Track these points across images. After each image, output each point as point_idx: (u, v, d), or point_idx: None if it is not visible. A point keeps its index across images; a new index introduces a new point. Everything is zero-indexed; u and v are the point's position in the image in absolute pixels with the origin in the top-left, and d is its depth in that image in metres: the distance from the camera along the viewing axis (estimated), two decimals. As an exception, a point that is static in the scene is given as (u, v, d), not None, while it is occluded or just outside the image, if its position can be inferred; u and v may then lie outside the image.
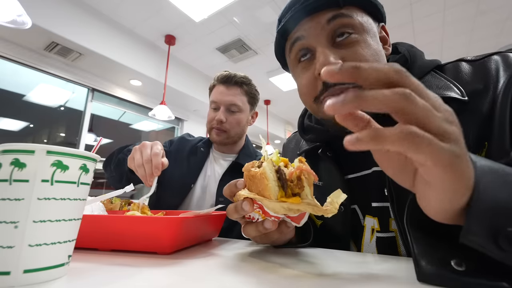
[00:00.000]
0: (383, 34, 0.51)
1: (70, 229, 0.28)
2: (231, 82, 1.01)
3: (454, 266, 0.24)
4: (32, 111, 2.97)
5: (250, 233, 0.40)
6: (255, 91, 1.07)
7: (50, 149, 0.26)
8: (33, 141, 3.19)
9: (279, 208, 0.33)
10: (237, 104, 1.00)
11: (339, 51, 0.44)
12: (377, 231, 0.47)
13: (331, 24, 0.44)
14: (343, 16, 0.44)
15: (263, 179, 0.33)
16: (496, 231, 0.21)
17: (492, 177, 0.23)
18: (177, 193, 0.99)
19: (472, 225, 0.22)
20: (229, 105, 0.99)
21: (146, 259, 0.37)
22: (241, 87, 1.02)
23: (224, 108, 0.99)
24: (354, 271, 0.32)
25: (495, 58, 0.43)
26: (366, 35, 0.45)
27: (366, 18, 0.47)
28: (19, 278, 0.24)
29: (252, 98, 1.07)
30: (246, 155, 1.06)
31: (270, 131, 5.06)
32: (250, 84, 1.06)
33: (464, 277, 0.23)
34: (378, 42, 0.47)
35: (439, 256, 0.25)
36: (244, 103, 1.03)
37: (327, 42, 0.45)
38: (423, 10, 2.54)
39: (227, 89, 1.00)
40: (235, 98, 1.00)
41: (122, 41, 2.80)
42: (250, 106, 1.07)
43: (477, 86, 0.41)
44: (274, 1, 2.43)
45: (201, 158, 1.06)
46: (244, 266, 0.34)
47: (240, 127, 1.03)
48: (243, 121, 1.03)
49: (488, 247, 0.21)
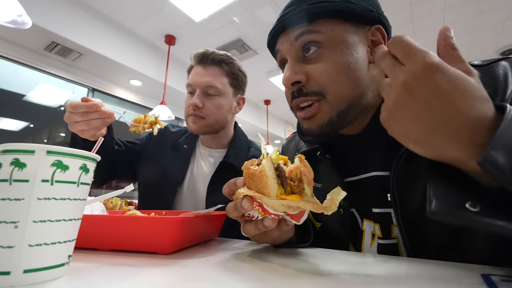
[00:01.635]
0: (377, 37, 0.49)
1: (70, 229, 0.28)
2: (207, 61, 0.85)
3: (468, 207, 0.25)
4: (32, 111, 2.97)
5: (249, 231, 0.40)
6: (238, 71, 0.90)
7: (50, 149, 0.26)
8: (33, 141, 3.19)
9: (278, 205, 0.33)
10: (215, 85, 0.84)
11: (306, 66, 0.47)
12: (379, 238, 0.46)
13: (298, 41, 0.47)
14: (309, 32, 0.46)
15: (262, 176, 0.33)
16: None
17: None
18: (162, 197, 0.86)
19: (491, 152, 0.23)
20: (206, 87, 0.84)
21: (146, 259, 0.37)
22: (220, 66, 0.86)
23: (200, 91, 0.84)
24: (355, 271, 0.32)
25: (504, 64, 0.43)
26: (335, 49, 0.45)
27: (341, 30, 0.46)
28: (19, 278, 0.24)
29: (235, 80, 0.90)
30: (237, 149, 0.92)
31: (270, 131, 5.06)
32: (232, 63, 0.89)
33: (476, 216, 0.24)
34: (353, 53, 0.45)
35: (454, 196, 0.27)
36: (224, 85, 0.86)
37: (296, 57, 0.48)
38: (423, 10, 2.54)
39: (204, 69, 0.85)
40: (212, 79, 0.84)
41: (122, 41, 2.81)
42: (234, 89, 0.90)
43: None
44: (274, 1, 2.43)
45: (185, 156, 0.93)
46: (244, 266, 0.34)
47: (220, 113, 0.86)
48: (223, 106, 0.86)
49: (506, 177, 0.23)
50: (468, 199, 0.25)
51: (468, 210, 0.25)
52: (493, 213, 0.24)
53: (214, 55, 0.85)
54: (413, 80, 0.27)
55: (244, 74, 0.93)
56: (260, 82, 3.97)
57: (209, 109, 0.84)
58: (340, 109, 0.45)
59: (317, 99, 0.46)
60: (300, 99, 0.47)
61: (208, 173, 0.89)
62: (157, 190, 0.87)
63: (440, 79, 0.26)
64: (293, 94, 0.48)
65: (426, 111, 0.27)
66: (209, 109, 0.84)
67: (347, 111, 0.46)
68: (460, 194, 0.26)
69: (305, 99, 0.47)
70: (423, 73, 0.27)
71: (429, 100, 0.27)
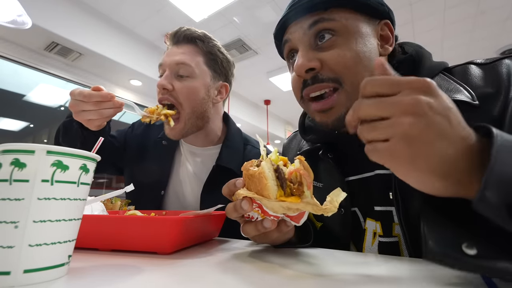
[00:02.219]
0: (386, 32, 0.50)
1: (70, 229, 0.28)
2: (179, 39, 0.74)
3: (464, 250, 0.24)
4: (32, 111, 2.97)
5: (249, 232, 0.40)
6: (217, 52, 0.76)
7: (50, 149, 0.26)
8: (33, 141, 3.18)
9: (278, 207, 0.33)
10: (187, 63, 0.70)
11: (319, 53, 0.46)
12: (380, 236, 0.46)
13: (312, 29, 0.46)
14: (324, 20, 0.45)
15: (262, 178, 0.33)
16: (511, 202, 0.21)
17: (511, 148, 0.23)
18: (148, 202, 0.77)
19: (486, 192, 0.22)
20: (176, 66, 0.70)
21: (146, 259, 0.37)
22: (194, 43, 0.73)
23: (169, 71, 0.71)
24: (355, 272, 0.32)
25: (507, 62, 0.43)
26: (349, 38, 0.45)
27: (354, 20, 0.46)
28: (19, 278, 0.24)
29: (213, 60, 0.75)
30: (231, 149, 0.79)
31: (270, 131, 5.06)
32: (211, 42, 0.76)
33: (474, 260, 0.23)
34: (366, 44, 0.46)
35: (450, 237, 0.25)
36: (199, 64, 0.72)
37: (309, 45, 0.47)
38: (423, 10, 2.54)
39: (177, 47, 0.74)
40: (184, 56, 0.71)
41: (122, 41, 2.80)
42: (212, 71, 0.75)
43: (488, 90, 0.41)
44: (274, 1, 2.43)
45: (166, 154, 0.81)
46: (244, 266, 0.34)
47: (195, 100, 0.71)
48: (198, 91, 0.71)
49: (502, 217, 0.21)
50: (464, 239, 0.24)
51: (464, 254, 0.23)
52: (492, 254, 0.23)
53: (188, 31, 0.74)
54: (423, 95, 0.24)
55: (226, 58, 0.79)
56: (260, 82, 3.96)
57: (180, 93, 0.70)
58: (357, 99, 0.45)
59: (334, 87, 0.45)
60: (315, 86, 0.46)
61: (197, 175, 0.79)
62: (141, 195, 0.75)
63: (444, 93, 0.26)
64: (306, 83, 0.47)
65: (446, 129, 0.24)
66: (181, 92, 0.70)
67: None
68: (456, 233, 0.25)
69: (320, 86, 0.45)
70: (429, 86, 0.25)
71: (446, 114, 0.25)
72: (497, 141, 0.23)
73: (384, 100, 0.26)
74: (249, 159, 0.39)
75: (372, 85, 0.27)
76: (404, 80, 0.26)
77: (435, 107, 0.24)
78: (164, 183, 0.79)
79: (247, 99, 4.57)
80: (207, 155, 0.81)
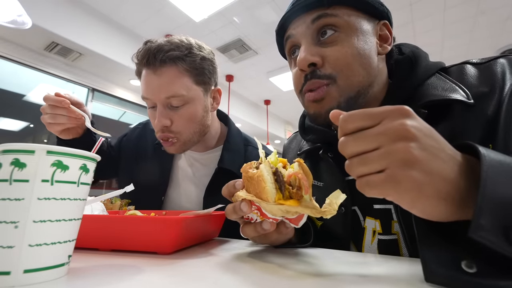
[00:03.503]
0: (385, 32, 0.50)
1: (70, 229, 0.28)
2: (156, 62, 0.63)
3: (464, 268, 0.23)
4: (32, 111, 2.96)
5: (248, 233, 0.40)
6: (201, 61, 0.67)
7: (50, 149, 0.26)
8: (33, 141, 3.18)
9: (276, 210, 0.33)
10: (178, 94, 0.63)
11: (321, 49, 0.46)
12: (379, 233, 0.47)
13: (315, 24, 0.47)
14: (327, 15, 0.46)
15: (260, 181, 0.33)
16: (507, 226, 0.21)
17: (501, 171, 0.22)
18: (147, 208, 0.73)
19: (480, 220, 0.21)
20: (167, 100, 0.64)
21: (146, 259, 0.37)
22: (176, 65, 0.64)
23: (161, 106, 0.65)
24: (355, 272, 0.32)
25: (501, 61, 0.43)
26: (351, 34, 0.46)
27: (355, 17, 0.47)
28: (19, 278, 0.24)
29: (201, 75, 0.67)
30: (233, 152, 0.76)
31: (270, 131, 5.06)
32: (191, 54, 0.65)
33: (475, 278, 0.22)
34: (367, 42, 0.47)
35: (448, 257, 0.25)
36: (189, 88, 0.65)
37: (312, 40, 0.47)
38: (423, 10, 2.54)
39: (155, 74, 0.63)
40: (172, 86, 0.63)
41: (122, 41, 2.81)
42: (203, 86, 0.68)
43: (483, 89, 0.42)
44: (274, 1, 2.43)
45: (165, 160, 0.78)
46: (244, 266, 0.34)
47: (196, 123, 0.68)
48: (197, 113, 0.67)
49: (499, 243, 0.21)
50: (463, 257, 0.23)
51: (464, 272, 0.23)
52: (492, 272, 0.22)
53: (162, 52, 0.63)
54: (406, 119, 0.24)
55: (210, 61, 0.70)
56: (260, 82, 3.97)
57: (179, 125, 0.66)
58: (349, 95, 0.45)
59: (327, 83, 0.46)
60: (312, 82, 0.47)
61: (198, 180, 0.77)
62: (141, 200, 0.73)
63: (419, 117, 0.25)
64: (306, 77, 0.47)
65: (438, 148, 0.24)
66: (180, 125, 0.66)
67: (356, 99, 0.46)
68: (454, 252, 0.24)
69: (317, 82, 0.46)
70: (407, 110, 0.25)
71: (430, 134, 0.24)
72: (486, 161, 0.23)
73: (369, 132, 0.25)
74: (250, 161, 0.39)
75: (353, 121, 0.26)
76: (382, 109, 0.25)
77: (421, 129, 0.24)
78: (164, 188, 0.77)
79: (247, 99, 4.57)
80: (207, 158, 0.79)
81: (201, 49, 0.69)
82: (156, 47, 0.64)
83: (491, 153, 0.24)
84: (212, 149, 0.80)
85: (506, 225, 0.21)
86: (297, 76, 0.50)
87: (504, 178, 0.22)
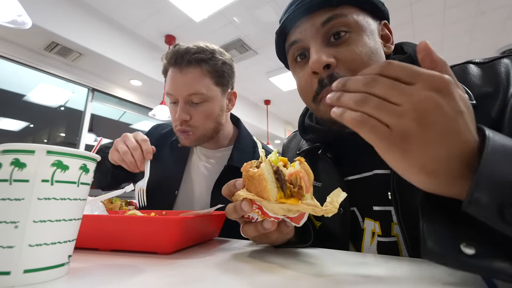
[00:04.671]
0: (386, 32, 0.51)
1: (70, 229, 0.28)
2: (183, 62, 0.71)
3: (463, 249, 0.23)
4: (32, 111, 2.97)
5: (249, 233, 0.40)
6: (222, 65, 0.75)
7: (50, 149, 0.26)
8: (33, 141, 3.19)
9: (278, 209, 0.33)
10: (199, 92, 0.71)
11: (333, 49, 0.45)
12: (378, 235, 0.47)
13: (325, 27, 0.45)
14: (337, 16, 0.45)
15: (261, 180, 0.33)
16: (501, 203, 0.21)
17: (502, 152, 0.23)
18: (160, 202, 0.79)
19: (475, 194, 0.22)
20: (189, 96, 0.72)
21: (146, 259, 0.37)
22: (200, 66, 0.72)
23: (183, 101, 0.73)
24: (355, 272, 0.32)
25: (505, 61, 0.42)
26: (362, 34, 0.45)
27: (363, 16, 0.47)
28: (19, 278, 0.24)
29: (221, 77, 0.76)
30: (242, 151, 0.82)
31: (270, 131, 5.06)
32: (214, 58, 0.74)
33: (472, 260, 0.23)
34: (376, 41, 0.47)
35: (448, 236, 0.25)
36: (209, 88, 0.73)
37: (322, 42, 0.46)
38: (423, 10, 2.54)
39: (181, 73, 0.72)
40: (194, 85, 0.71)
41: (122, 41, 2.80)
42: (221, 88, 0.77)
43: (487, 89, 0.41)
44: (274, 1, 2.43)
45: (181, 156, 0.85)
46: (244, 266, 0.34)
47: (212, 120, 0.76)
48: (214, 111, 0.76)
49: (493, 219, 0.21)
50: (463, 238, 0.24)
51: (463, 253, 0.23)
52: (490, 254, 0.22)
53: (190, 54, 0.71)
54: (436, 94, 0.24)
55: (230, 66, 0.79)
56: (260, 82, 3.96)
57: (197, 120, 0.74)
58: None
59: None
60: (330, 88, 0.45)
61: (208, 176, 0.82)
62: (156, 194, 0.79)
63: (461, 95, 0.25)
64: (323, 82, 0.45)
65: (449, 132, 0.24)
66: (198, 120, 0.74)
67: None
68: (455, 233, 0.25)
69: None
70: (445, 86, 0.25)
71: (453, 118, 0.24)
72: (490, 143, 0.23)
73: (401, 87, 0.25)
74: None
75: (394, 68, 0.26)
76: (424, 74, 0.25)
77: (444, 108, 0.24)
78: (178, 183, 0.82)
79: (247, 99, 4.56)
80: (219, 157, 0.85)
81: (223, 54, 0.78)
82: (184, 49, 0.72)
83: (496, 136, 0.24)
84: (223, 147, 0.86)
85: (501, 202, 0.21)
86: (308, 81, 0.47)
87: (504, 159, 0.23)
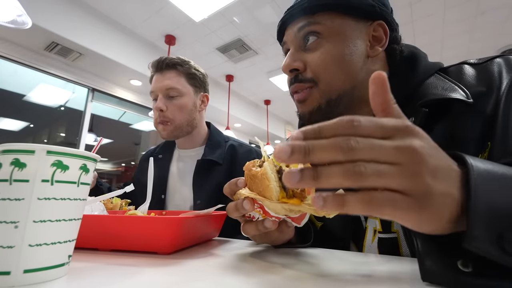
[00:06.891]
0: (379, 33, 0.50)
1: (70, 229, 0.28)
2: (163, 67, 0.93)
3: (460, 267, 0.23)
4: (32, 111, 2.97)
5: (249, 232, 0.40)
6: (195, 70, 0.97)
7: (50, 149, 0.26)
8: (33, 141, 3.19)
9: (280, 209, 0.33)
10: (175, 87, 0.91)
11: (304, 55, 0.50)
12: (379, 232, 0.47)
13: (300, 32, 0.50)
14: (310, 23, 0.49)
15: (264, 179, 0.33)
16: (500, 235, 0.21)
17: (489, 180, 0.22)
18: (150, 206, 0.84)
19: (474, 231, 0.21)
20: (166, 90, 0.91)
21: (146, 259, 0.37)
22: (175, 68, 0.94)
23: (162, 95, 0.91)
24: (356, 272, 0.32)
25: (498, 61, 0.44)
26: (333, 40, 0.48)
27: (340, 22, 0.48)
28: (19, 278, 0.24)
29: (193, 79, 0.97)
30: (213, 146, 0.98)
31: (270, 131, 5.06)
32: (187, 64, 0.96)
33: (470, 278, 0.22)
34: (349, 45, 0.47)
35: (444, 255, 0.25)
36: (183, 85, 0.94)
37: (297, 46, 0.51)
38: (423, 10, 2.54)
39: (161, 75, 0.93)
40: (171, 81, 0.91)
41: (122, 41, 2.80)
42: (194, 88, 0.97)
43: (481, 89, 0.42)
44: (274, 1, 2.43)
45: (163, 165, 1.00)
46: (244, 266, 0.34)
47: (185, 113, 0.93)
48: (187, 105, 0.93)
49: (494, 253, 0.21)
50: (459, 256, 0.23)
51: (460, 271, 0.23)
52: (487, 272, 0.22)
53: (168, 60, 0.93)
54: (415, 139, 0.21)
55: (202, 74, 1.00)
56: (260, 82, 3.97)
57: (173, 111, 0.91)
58: (330, 97, 0.48)
59: (310, 86, 0.49)
60: (295, 85, 0.51)
61: (188, 173, 0.94)
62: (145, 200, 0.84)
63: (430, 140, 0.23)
64: (291, 81, 0.52)
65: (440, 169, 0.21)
66: (173, 111, 0.91)
67: (337, 101, 0.48)
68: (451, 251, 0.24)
69: (299, 86, 0.50)
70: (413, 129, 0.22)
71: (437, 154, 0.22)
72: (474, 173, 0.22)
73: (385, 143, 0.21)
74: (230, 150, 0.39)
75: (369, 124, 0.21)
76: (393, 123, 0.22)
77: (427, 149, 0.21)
78: (164, 188, 0.96)
79: (247, 99, 4.57)
80: (194, 155, 0.99)
81: (197, 67, 1.00)
82: (165, 58, 0.94)
83: (478, 163, 0.23)
84: (198, 147, 1.02)
85: (499, 233, 0.21)
86: (287, 79, 0.55)
87: (493, 186, 0.22)
